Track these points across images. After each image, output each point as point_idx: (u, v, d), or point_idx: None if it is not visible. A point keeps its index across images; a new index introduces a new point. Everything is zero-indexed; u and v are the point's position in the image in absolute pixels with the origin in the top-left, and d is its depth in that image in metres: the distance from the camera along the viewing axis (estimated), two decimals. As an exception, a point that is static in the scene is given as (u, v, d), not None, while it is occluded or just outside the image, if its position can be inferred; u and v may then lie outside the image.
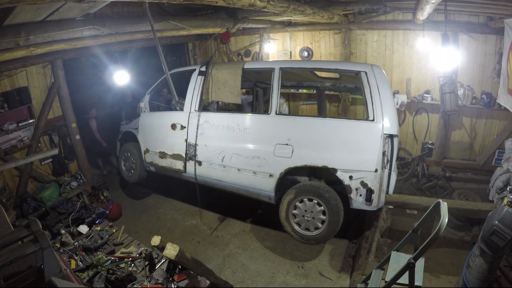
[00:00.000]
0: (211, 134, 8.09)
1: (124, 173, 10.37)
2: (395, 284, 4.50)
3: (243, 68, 7.94)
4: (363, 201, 6.59)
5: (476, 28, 9.73)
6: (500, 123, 10.31)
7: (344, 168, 6.61)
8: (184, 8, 9.61)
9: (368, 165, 6.45)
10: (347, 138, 6.75)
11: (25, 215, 8.32)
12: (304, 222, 7.13)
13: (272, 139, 7.29)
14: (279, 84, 7.49)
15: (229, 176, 7.90)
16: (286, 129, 7.26)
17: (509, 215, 4.38)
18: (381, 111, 6.44)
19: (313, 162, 6.87)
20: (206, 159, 8.14)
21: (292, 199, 7.14)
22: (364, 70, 6.86)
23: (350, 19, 11.48)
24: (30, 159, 8.35)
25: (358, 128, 6.72)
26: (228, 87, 8.04)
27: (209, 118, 8.19)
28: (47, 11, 5.66)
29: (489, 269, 4.70)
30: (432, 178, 10.83)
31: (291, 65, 8.70)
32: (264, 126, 7.60)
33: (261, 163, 7.39)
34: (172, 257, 5.13)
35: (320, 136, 6.96)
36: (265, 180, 7.40)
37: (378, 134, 6.38)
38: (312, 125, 7.14)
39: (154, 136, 9.18)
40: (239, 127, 7.70)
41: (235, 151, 7.72)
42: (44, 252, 3.55)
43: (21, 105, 8.84)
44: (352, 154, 6.60)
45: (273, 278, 7.49)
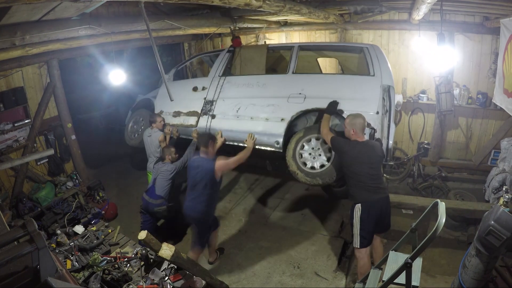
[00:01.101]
0: (231, 91, 8.83)
1: (127, 135, 10.58)
2: (392, 284, 4.51)
3: (267, 47, 9.13)
4: None
5: (472, 28, 9.74)
6: (496, 123, 10.33)
7: (349, 110, 7.02)
8: (179, 8, 9.61)
9: (371, 108, 7.07)
10: (353, 89, 7.55)
11: (21, 215, 8.32)
12: (310, 161, 7.48)
13: (287, 91, 8.02)
14: (297, 55, 8.51)
15: (241, 124, 8.30)
16: (300, 83, 8.03)
17: (505, 215, 4.39)
18: (380, 69, 7.44)
19: (323, 105, 7.35)
20: (221, 112, 8.73)
21: (301, 138, 7.61)
22: (366, 46, 8.07)
23: (346, 19, 11.46)
24: (26, 159, 8.36)
25: (361, 80, 7.71)
26: (254, 62, 9.03)
27: (231, 79, 9.02)
28: (43, 10, 5.64)
29: (485, 269, 4.70)
30: (428, 178, 10.82)
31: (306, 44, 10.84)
32: (282, 82, 8.41)
33: (275, 109, 8.01)
34: (167, 257, 5.11)
35: (329, 87, 7.84)
36: (276, 124, 7.84)
37: (378, 84, 7.24)
38: (323, 79, 8.62)
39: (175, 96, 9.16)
40: (259, 83, 8.55)
41: (251, 102, 8.39)
42: (40, 252, 3.55)
43: (17, 105, 8.85)
44: (357, 99, 7.29)
45: (269, 278, 7.47)
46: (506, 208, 4.54)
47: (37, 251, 3.53)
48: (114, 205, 9.99)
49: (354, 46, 9.36)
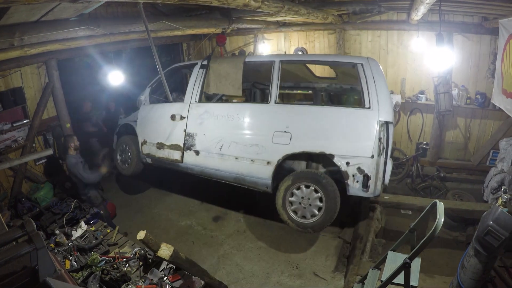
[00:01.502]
0: (210, 124, 8.14)
1: (119, 165, 10.34)
2: (391, 284, 4.51)
3: (244, 62, 8.14)
4: (359, 187, 6.65)
5: (471, 28, 9.77)
6: (495, 123, 10.35)
7: (341, 154, 6.71)
8: (178, 9, 9.61)
9: (365, 151, 6.56)
10: (344, 125, 6.87)
11: (20, 216, 8.31)
12: (301, 210, 7.15)
13: (271, 127, 7.38)
14: (279, 75, 7.65)
15: (226, 164, 7.94)
16: (284, 117, 7.37)
17: (503, 215, 4.39)
18: (377, 99, 6.65)
19: (311, 149, 6.96)
20: (204, 148, 8.16)
21: (290, 186, 7.18)
22: (361, 62, 7.13)
23: (345, 19, 11.50)
24: (25, 159, 8.35)
25: (355, 115, 6.87)
26: (230, 79, 8.21)
27: (209, 108, 8.27)
28: (42, 11, 5.65)
29: (483, 269, 4.70)
30: (427, 178, 10.85)
31: (290, 58, 9.28)
32: (264, 114, 7.71)
33: (259, 150, 7.45)
34: (166, 258, 5.13)
35: (317, 123, 7.06)
36: (263, 167, 7.44)
37: (374, 121, 6.52)
38: (310, 112, 7.31)
39: (152, 127, 9.17)
40: (239, 116, 7.80)
41: (234, 139, 7.78)
42: (39, 253, 3.55)
43: (16, 106, 8.84)
44: (349, 140, 6.73)
45: (267, 278, 7.49)
46: (505, 208, 4.55)
47: (35, 251, 3.53)
48: (112, 205, 9.97)
49: (346, 62, 7.93)
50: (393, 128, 6.78)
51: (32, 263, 3.60)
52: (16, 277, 3.53)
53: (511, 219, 4.31)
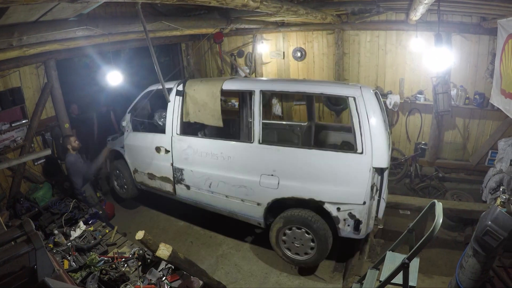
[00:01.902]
0: (195, 160, 7.97)
1: (117, 189, 10.34)
2: (389, 284, 4.51)
3: (221, 90, 7.60)
4: (351, 230, 6.55)
5: (469, 29, 9.78)
6: (493, 124, 10.37)
7: (331, 201, 6.51)
8: (177, 9, 9.59)
9: (356, 198, 6.31)
10: (334, 171, 6.52)
11: (18, 216, 8.30)
12: (294, 248, 7.15)
13: (257, 169, 7.16)
14: (261, 109, 7.18)
15: (217, 201, 7.87)
16: (271, 159, 7.05)
17: (502, 215, 4.40)
18: (371, 143, 6.14)
19: (300, 194, 6.76)
20: (193, 184, 8.09)
21: (281, 228, 7.11)
22: (353, 96, 6.41)
23: (343, 20, 11.51)
24: (23, 160, 8.33)
25: (345, 161, 6.45)
26: (208, 109, 7.77)
27: (192, 144, 8.03)
28: (40, 11, 5.64)
29: (482, 270, 4.71)
30: (425, 178, 10.88)
31: (272, 87, 8.06)
32: (248, 155, 7.34)
33: (248, 192, 7.32)
34: (165, 258, 5.13)
35: (306, 167, 6.75)
36: (253, 207, 7.36)
37: (367, 168, 6.17)
38: (297, 156, 6.92)
39: (140, 157, 9.12)
40: (223, 155, 7.53)
41: (221, 179, 7.63)
42: (37, 253, 3.55)
43: (14, 106, 8.82)
44: (340, 186, 6.43)
45: (266, 279, 7.49)
46: (503, 209, 4.55)
47: (34, 251, 3.53)
48: (111, 205, 10.00)
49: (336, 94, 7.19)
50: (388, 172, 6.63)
51: (31, 263, 3.61)
52: (14, 277, 3.54)
53: (509, 219, 4.32)
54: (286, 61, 13.40)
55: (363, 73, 11.95)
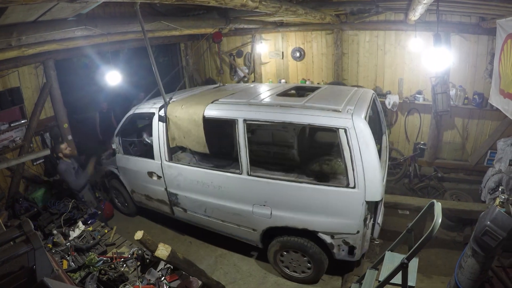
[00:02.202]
0: (188, 187, 7.82)
1: (119, 206, 10.33)
2: (388, 284, 4.51)
3: (203, 118, 7.10)
4: (346, 254, 6.46)
5: (468, 29, 9.80)
6: (492, 124, 10.38)
7: (324, 231, 6.40)
8: (176, 9, 9.59)
9: (350, 229, 6.17)
10: (326, 204, 6.25)
11: (17, 216, 8.30)
12: (292, 267, 7.18)
13: (249, 199, 6.98)
14: (246, 139, 6.73)
15: (215, 224, 7.80)
16: (261, 190, 6.79)
17: (501, 215, 4.39)
18: (363, 176, 5.76)
19: (293, 224, 6.61)
20: (189, 208, 8.00)
21: (278, 250, 7.10)
22: (344, 127, 5.81)
23: (342, 20, 11.54)
24: (22, 160, 8.36)
25: (337, 195, 6.11)
26: (193, 137, 7.40)
27: (182, 171, 7.83)
28: (39, 11, 5.65)
29: (481, 270, 4.71)
30: (424, 178, 10.89)
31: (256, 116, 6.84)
32: (238, 185, 7.08)
33: (242, 219, 7.23)
34: (164, 258, 5.12)
35: (297, 200, 6.49)
36: (249, 232, 7.29)
37: (359, 202, 5.89)
38: (288, 190, 6.55)
39: (135, 180, 9.04)
40: (213, 184, 7.33)
41: (215, 206, 7.50)
42: (36, 253, 3.54)
43: (13, 106, 8.83)
44: (333, 218, 6.24)
45: (265, 279, 7.49)
46: (502, 209, 4.54)
47: (33, 251, 3.52)
48: (110, 205, 9.97)
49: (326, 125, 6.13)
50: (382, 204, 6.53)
51: (30, 263, 3.60)
52: (13, 277, 3.53)
53: (508, 219, 4.32)
54: (285, 61, 13.44)
55: (362, 73, 11.96)
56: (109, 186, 10.32)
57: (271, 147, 8.99)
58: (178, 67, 14.63)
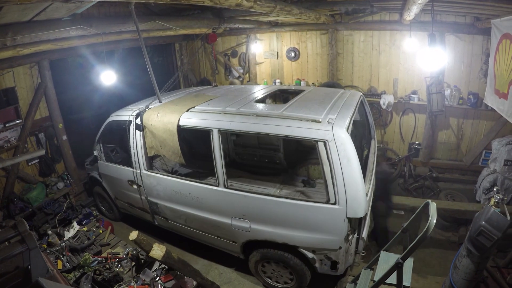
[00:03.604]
0: (167, 197, 7.60)
1: (104, 212, 10.20)
2: (383, 284, 4.52)
3: (178, 127, 6.84)
4: (328, 269, 6.25)
5: (463, 29, 9.82)
6: (487, 124, 10.39)
7: (305, 246, 6.15)
8: (170, 8, 9.58)
9: (331, 245, 5.88)
10: (306, 220, 5.95)
11: (12, 216, 8.29)
12: (274, 277, 7.06)
13: (227, 212, 6.73)
14: (221, 151, 6.47)
15: (196, 234, 7.65)
16: (239, 203, 6.53)
17: (496, 215, 4.41)
18: (344, 192, 5.41)
19: (273, 238, 6.35)
20: (170, 217, 7.85)
21: (258, 261, 6.93)
22: (324, 139, 5.45)
23: (337, 20, 11.54)
24: (17, 160, 8.34)
25: (316, 211, 5.79)
26: (168, 146, 7.17)
27: (160, 181, 7.61)
28: (34, 11, 5.64)
29: (476, 270, 4.72)
30: (419, 178, 10.91)
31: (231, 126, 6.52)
32: (216, 198, 6.80)
33: (222, 232, 7.04)
34: (158, 258, 5.12)
35: (276, 215, 6.19)
36: (229, 244, 7.13)
37: (341, 219, 5.58)
38: (266, 204, 6.25)
39: (117, 187, 8.93)
40: (191, 196, 7.10)
41: (194, 217, 7.31)
42: (31, 253, 3.56)
43: (8, 106, 8.80)
44: (313, 234, 5.96)
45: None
46: (497, 209, 4.57)
47: (28, 252, 3.53)
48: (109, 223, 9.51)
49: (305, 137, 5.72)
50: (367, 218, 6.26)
51: (25, 264, 3.61)
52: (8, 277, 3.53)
53: (503, 220, 4.33)
54: (280, 61, 13.43)
55: (357, 73, 11.95)
56: (93, 192, 10.20)
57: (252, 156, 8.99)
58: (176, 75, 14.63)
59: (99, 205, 10.18)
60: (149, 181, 7.75)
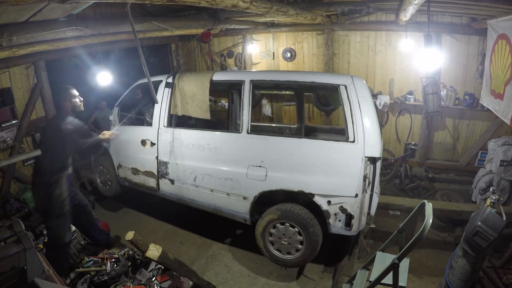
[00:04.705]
0: (181, 153, 7.75)
1: (100, 187, 10.17)
2: (379, 284, 4.53)
3: (211, 80, 7.45)
4: (342, 226, 6.29)
5: (459, 29, 9.85)
6: (483, 124, 10.43)
7: (321, 193, 6.25)
8: (166, 9, 9.60)
9: (348, 190, 6.06)
10: (325, 161, 6.25)
11: (8, 216, 8.28)
12: (278, 244, 6.94)
13: (245, 160, 6.90)
14: (250, 99, 6.99)
15: (202, 196, 7.66)
16: (259, 149, 6.81)
17: (492, 216, 4.42)
18: (363, 131, 5.93)
19: (289, 186, 6.48)
20: (178, 178, 7.88)
21: (274, 220, 6.76)
22: (344, 84, 6.26)
23: (333, 20, 11.53)
24: (13, 160, 8.31)
25: (336, 150, 6.22)
26: (196, 101, 7.60)
27: (178, 136, 7.80)
28: (30, 12, 5.63)
29: (472, 270, 4.72)
30: (415, 179, 10.88)
31: (262, 77, 7.69)
32: (236, 145, 7.09)
33: (234, 185, 7.06)
34: (155, 258, 5.14)
35: (295, 158, 6.46)
36: (239, 202, 7.12)
37: (359, 157, 5.92)
38: (286, 146, 6.65)
39: (125, 151, 8.98)
40: (210, 147, 7.30)
41: (207, 172, 7.38)
42: (27, 253, 3.56)
43: (4, 106, 8.80)
44: (331, 178, 6.19)
45: (256, 279, 7.47)
46: (493, 209, 4.56)
47: (24, 252, 3.54)
48: (106, 224, 9.47)
49: (327, 83, 6.84)
50: (381, 161, 6.26)
51: (21, 264, 3.61)
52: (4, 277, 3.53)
53: (499, 220, 4.34)
54: (276, 62, 13.42)
55: (353, 74, 11.69)
56: (94, 165, 10.23)
57: None
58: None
59: (97, 179, 10.16)
60: (166, 137, 7.95)
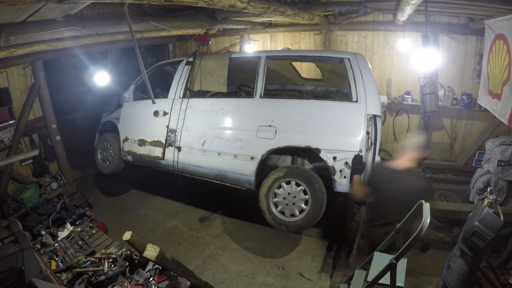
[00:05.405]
0: (193, 119, 8.09)
1: (99, 163, 10.23)
2: (377, 285, 4.52)
3: (230, 58, 8.11)
4: (347, 183, 6.49)
5: (457, 29, 9.85)
6: (481, 124, 10.41)
7: (328, 148, 6.59)
8: (164, 9, 9.63)
9: (353, 146, 6.41)
10: (331, 119, 6.78)
11: (5, 216, 8.27)
12: (282, 205, 6.96)
13: (256, 121, 7.29)
14: (265, 70, 7.55)
15: (208, 161, 7.79)
16: (269, 111, 7.29)
17: (489, 216, 4.41)
18: (364, 92, 6.58)
19: (297, 143, 6.85)
20: (186, 144, 8.07)
21: (280, 178, 6.93)
22: (348, 57, 7.11)
23: (331, 20, 11.54)
24: (11, 160, 8.33)
25: (341, 109, 6.81)
26: (215, 76, 8.17)
27: (193, 104, 8.22)
28: (28, 12, 5.62)
29: (469, 270, 4.72)
30: (413, 179, 10.82)
31: (276, 53, 9.44)
32: (248, 109, 7.67)
33: (243, 145, 7.34)
34: (152, 258, 5.13)
35: (303, 117, 6.94)
36: (246, 163, 7.29)
37: (362, 114, 6.44)
38: (295, 106, 7.27)
39: (135, 123, 9.12)
40: (223, 111, 7.73)
41: (217, 135, 7.68)
42: (25, 253, 3.56)
43: (2, 106, 8.76)
44: (336, 134, 6.61)
45: (253, 279, 7.51)
46: (491, 209, 4.56)
47: (21, 252, 3.54)
48: (103, 224, 9.43)
49: (333, 56, 8.00)
50: (381, 122, 6.75)
51: (18, 264, 3.61)
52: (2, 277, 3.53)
53: (497, 220, 4.33)
54: (274, 62, 13.27)
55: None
56: (97, 143, 10.39)
57: None
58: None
59: (97, 155, 10.26)
60: (180, 106, 8.36)
